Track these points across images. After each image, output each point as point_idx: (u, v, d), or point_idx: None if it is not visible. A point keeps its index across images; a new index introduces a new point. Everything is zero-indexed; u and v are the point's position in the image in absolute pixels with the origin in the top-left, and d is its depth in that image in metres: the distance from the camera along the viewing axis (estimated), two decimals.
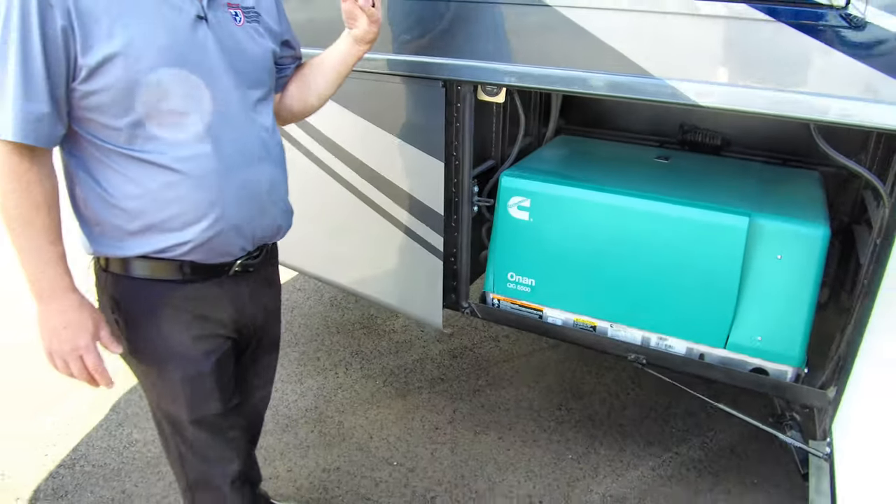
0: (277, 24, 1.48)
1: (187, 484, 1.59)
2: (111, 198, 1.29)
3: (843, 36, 1.38)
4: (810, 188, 1.98)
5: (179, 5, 1.25)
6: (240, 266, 1.44)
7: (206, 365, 1.45)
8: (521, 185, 1.98)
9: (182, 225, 1.31)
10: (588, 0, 1.63)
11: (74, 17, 1.15)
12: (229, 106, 1.32)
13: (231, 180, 1.32)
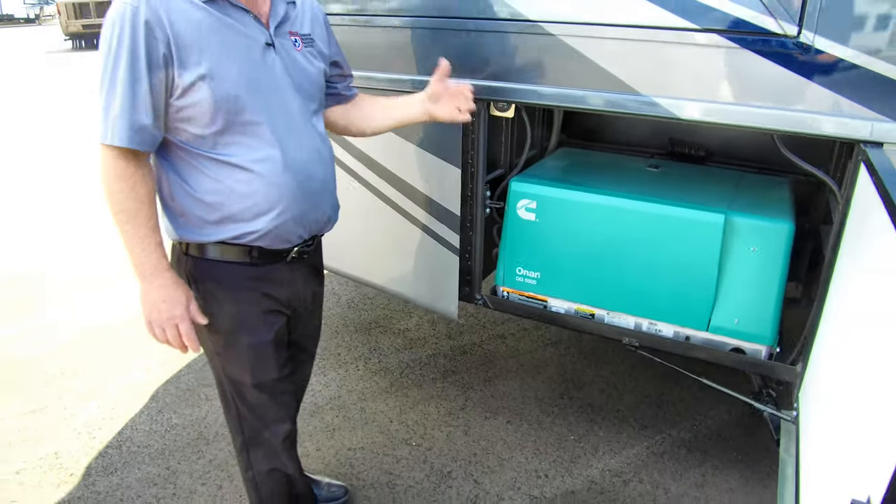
0: (327, 47, 1.77)
1: (243, 442, 1.84)
2: (195, 192, 1.56)
3: (796, 60, 1.66)
4: (779, 191, 2.26)
5: (253, 35, 1.54)
6: (296, 253, 1.72)
7: (267, 335, 1.71)
8: (528, 189, 2.26)
9: (253, 216, 1.58)
10: (585, 29, 1.92)
11: (173, 47, 1.43)
12: (292, 117, 1.60)
13: (293, 178, 1.59)
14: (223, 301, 1.66)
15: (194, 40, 1.45)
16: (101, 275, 4.28)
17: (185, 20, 1.45)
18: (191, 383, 3.10)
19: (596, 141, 3.03)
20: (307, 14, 1.71)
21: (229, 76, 1.48)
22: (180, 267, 1.67)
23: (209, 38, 1.47)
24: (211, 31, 1.47)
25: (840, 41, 1.63)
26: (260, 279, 1.68)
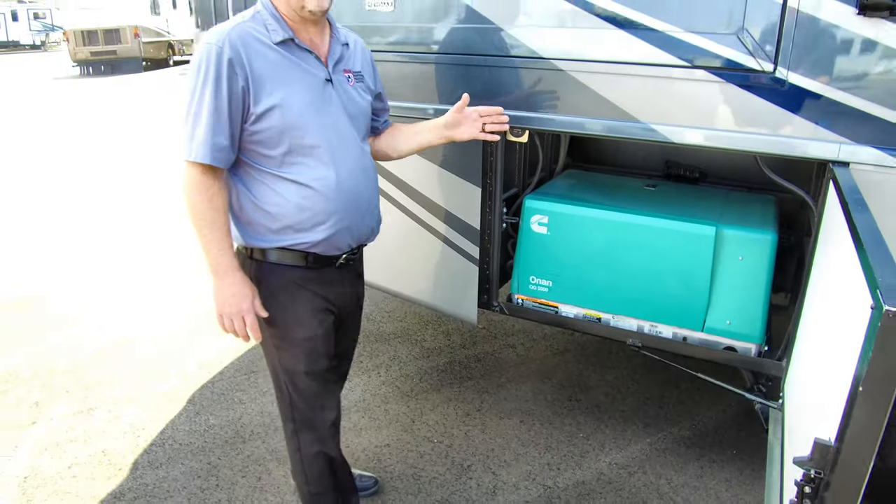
0: (373, 84, 2.05)
1: (294, 427, 2.08)
2: (262, 205, 1.83)
3: (773, 92, 1.94)
4: (764, 207, 2.52)
5: (315, 72, 1.82)
6: (344, 259, 1.98)
7: (319, 330, 1.96)
8: (541, 205, 2.52)
9: (310, 226, 1.85)
10: (591, 65, 2.20)
11: (250, 81, 1.71)
12: (345, 142, 1.87)
13: (345, 195, 1.86)
14: (282, 299, 1.92)
15: (267, 76, 1.74)
16: (127, 290, 4.53)
17: (261, 59, 1.74)
18: (224, 388, 3.34)
19: (598, 164, 3.30)
20: (358, 54, 2.00)
21: (295, 106, 1.76)
22: (245, 269, 1.93)
23: (280, 75, 1.76)
24: (281, 68, 1.76)
25: (810, 76, 1.91)
26: (313, 281, 1.94)
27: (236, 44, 1.71)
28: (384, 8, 2.49)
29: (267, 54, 1.75)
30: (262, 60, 1.74)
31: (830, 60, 1.90)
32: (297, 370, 1.98)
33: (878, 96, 1.87)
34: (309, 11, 1.78)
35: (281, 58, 1.78)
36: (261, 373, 3.47)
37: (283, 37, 1.79)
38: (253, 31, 1.77)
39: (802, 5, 1.90)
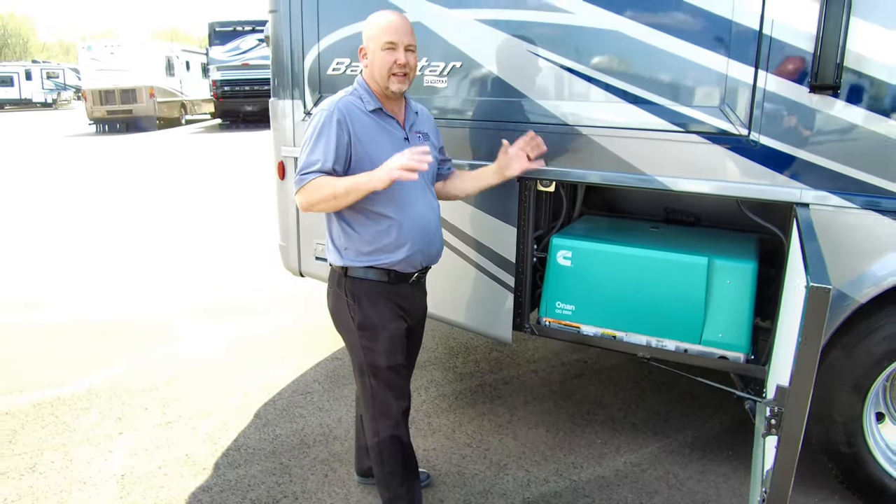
0: (437, 141, 2.64)
1: (373, 414, 2.57)
2: (355, 233, 2.39)
3: (748, 150, 2.53)
4: (748, 243, 3.07)
5: (396, 133, 2.42)
6: (416, 277, 2.52)
7: (397, 331, 2.49)
8: (565, 243, 3.07)
9: (393, 249, 2.40)
10: (604, 130, 2.80)
11: (352, 136, 2.31)
12: (418, 186, 2.43)
13: (418, 226, 2.42)
14: (369, 307, 2.45)
15: (364, 134, 2.34)
16: (185, 324, 5.04)
17: (359, 122, 2.35)
18: (285, 405, 3.83)
19: (610, 210, 3.87)
20: (426, 120, 2.60)
21: (382, 157, 2.32)
22: (340, 284, 2.47)
23: (372, 133, 2.36)
24: (373, 129, 2.37)
25: (776, 138, 2.50)
26: (393, 293, 2.48)
27: (343, 110, 2.33)
28: (439, 84, 3.10)
29: (364, 119, 2.37)
30: (360, 123, 2.35)
31: (791, 126, 2.50)
32: (380, 365, 2.49)
33: (829, 152, 2.46)
34: (392, 91, 2.38)
35: (373, 122, 2.39)
36: (315, 393, 3.96)
37: (374, 107, 2.40)
38: (353, 102, 2.39)
39: (768, 85, 2.50)
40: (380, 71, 2.36)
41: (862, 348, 2.65)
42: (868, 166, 2.44)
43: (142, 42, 26.39)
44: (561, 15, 2.81)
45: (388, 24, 2.37)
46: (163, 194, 10.93)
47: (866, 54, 2.39)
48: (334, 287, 2.54)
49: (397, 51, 2.35)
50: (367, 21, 2.43)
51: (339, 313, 2.55)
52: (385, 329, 2.48)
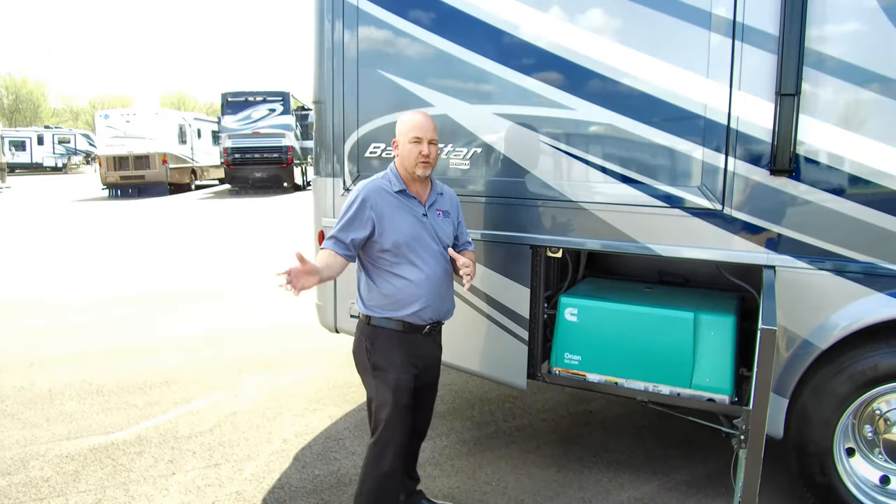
0: (456, 219, 3.13)
1: (372, 443, 2.95)
2: (378, 289, 2.90)
3: (723, 222, 3.05)
4: (729, 300, 3.56)
5: (417, 210, 2.93)
6: (428, 329, 2.99)
7: (405, 375, 2.92)
8: (572, 301, 3.56)
9: (408, 304, 2.89)
10: (603, 206, 3.33)
11: (374, 215, 2.83)
12: (433, 253, 2.93)
13: (431, 285, 2.91)
14: (384, 352, 2.92)
15: (387, 211, 2.87)
16: (222, 373, 5.47)
17: (384, 201, 2.88)
18: (320, 450, 4.23)
19: (608, 273, 4.37)
20: (449, 199, 3.12)
21: (402, 230, 2.86)
22: (363, 330, 2.97)
23: (395, 211, 2.89)
24: (396, 207, 2.90)
25: (745, 212, 3.03)
26: (406, 342, 2.95)
27: (371, 192, 2.90)
28: (463, 166, 3.66)
29: (389, 199, 2.91)
30: (385, 202, 2.89)
31: (757, 202, 3.03)
32: (387, 402, 2.91)
33: (789, 223, 2.99)
34: (418, 175, 2.93)
35: (397, 201, 2.93)
36: (346, 439, 4.37)
37: (399, 188, 2.94)
38: (382, 184, 2.95)
39: (738, 169, 3.05)
40: (408, 159, 2.92)
41: (828, 389, 3.11)
42: (821, 234, 2.97)
43: (157, 111, 27.49)
44: (565, 110, 3.38)
45: (415, 122, 2.95)
46: (188, 254, 11.47)
47: (814, 144, 2.95)
48: (358, 332, 3.05)
49: (422, 144, 2.91)
50: (399, 119, 3.01)
51: (359, 355, 3.04)
52: (395, 372, 2.92)
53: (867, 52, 2.87)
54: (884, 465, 3.22)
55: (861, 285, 2.97)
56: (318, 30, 4.05)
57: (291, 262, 2.65)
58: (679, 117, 3.15)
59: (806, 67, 2.92)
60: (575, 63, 3.34)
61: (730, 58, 3.04)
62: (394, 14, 3.77)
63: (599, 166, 3.36)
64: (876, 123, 2.90)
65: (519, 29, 3.46)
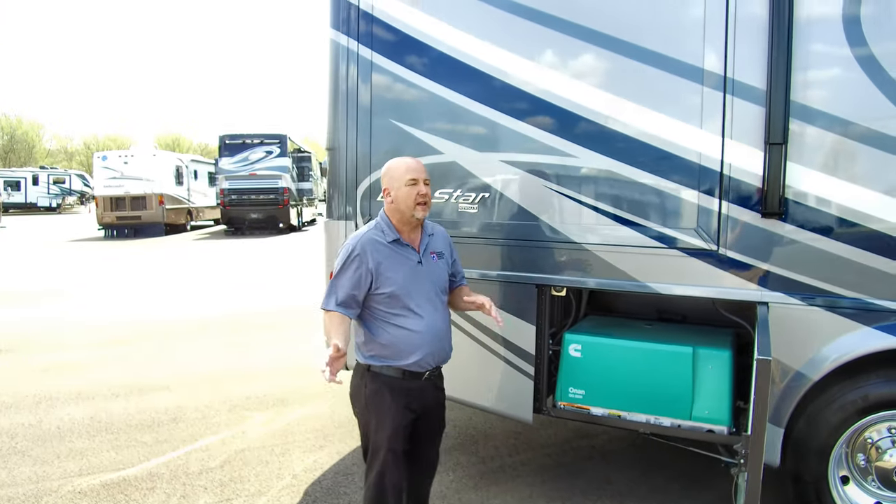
0: (450, 257, 3.23)
1: (367, 485, 3.00)
2: (376, 338, 2.98)
3: (718, 261, 3.25)
4: (725, 336, 3.73)
5: (411, 258, 3.02)
6: (428, 375, 3.07)
7: (403, 421, 2.98)
8: (576, 338, 3.72)
9: (407, 353, 2.95)
10: (604, 247, 3.53)
11: (372, 265, 2.92)
12: (431, 300, 3.03)
13: (430, 334, 2.98)
14: (383, 398, 2.97)
15: (383, 262, 2.94)
16: (229, 410, 5.56)
17: (379, 252, 2.95)
18: (329, 485, 4.33)
19: (609, 311, 4.55)
20: (441, 239, 3.20)
21: (398, 280, 2.95)
22: (362, 376, 3.02)
23: (390, 260, 2.96)
24: (391, 256, 2.97)
25: (739, 252, 3.24)
26: (405, 388, 2.99)
27: (365, 245, 2.95)
28: (471, 210, 3.86)
29: (383, 249, 2.97)
30: (380, 253, 2.95)
31: (750, 243, 3.24)
32: (382, 446, 2.97)
33: (781, 263, 3.20)
34: (416, 218, 3.00)
35: (391, 251, 2.99)
36: (355, 474, 4.47)
37: (393, 238, 3.00)
38: (374, 236, 3.00)
39: (731, 212, 3.26)
40: (406, 202, 2.93)
41: (821, 418, 3.27)
42: (811, 272, 3.17)
43: (154, 153, 27.80)
44: (569, 158, 3.61)
45: (407, 166, 3.00)
46: (184, 293, 11.57)
47: (802, 188, 3.17)
48: (357, 378, 3.09)
49: (419, 185, 2.97)
50: (387, 168, 3.04)
51: (356, 400, 3.08)
52: (392, 418, 2.96)
53: (847, 102, 3.12)
54: (877, 492, 3.35)
55: (849, 320, 3.16)
56: (333, 81, 4.29)
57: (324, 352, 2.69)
58: (675, 164, 3.38)
59: (792, 118, 3.16)
60: (578, 115, 3.58)
61: (721, 109, 3.28)
62: (405, 67, 4.02)
63: (601, 210, 3.57)
64: (858, 169, 3.13)
65: (525, 83, 3.70)
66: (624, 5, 3.52)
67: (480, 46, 3.78)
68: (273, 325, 9.18)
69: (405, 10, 4.03)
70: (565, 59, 3.61)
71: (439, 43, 3.91)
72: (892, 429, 3.29)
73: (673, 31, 3.39)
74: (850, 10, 3.09)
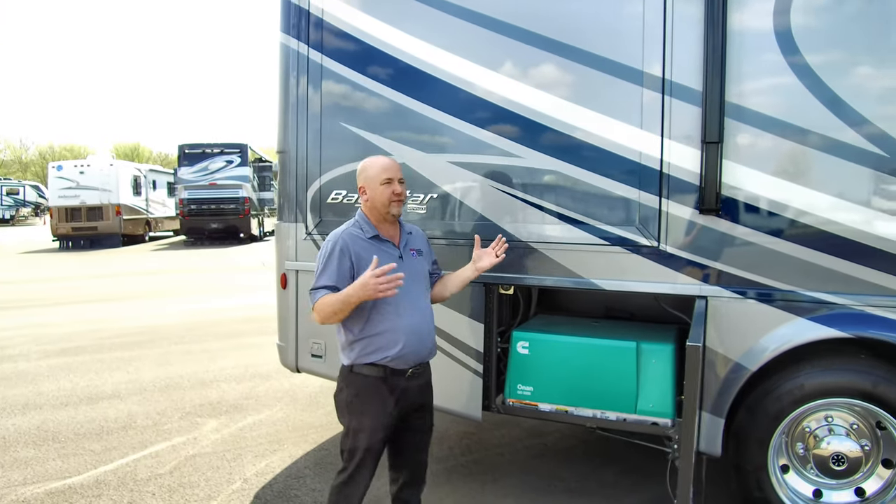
0: (429, 256, 3.30)
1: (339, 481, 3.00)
2: (358, 335, 2.98)
3: (659, 257, 3.34)
4: (668, 331, 3.82)
5: (392, 253, 3.07)
6: (411, 373, 3.08)
7: (384, 421, 2.98)
8: (524, 335, 3.77)
9: (387, 349, 2.96)
10: (549, 245, 3.59)
11: (354, 259, 2.95)
12: (412, 295, 3.06)
13: (412, 330, 3.01)
14: (365, 396, 2.98)
15: (364, 256, 2.97)
16: (181, 416, 5.48)
17: (360, 247, 2.99)
18: (281, 488, 4.30)
19: (558, 310, 4.62)
20: (419, 238, 3.26)
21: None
22: (345, 379, 3.02)
23: (370, 254, 2.96)
24: (371, 251, 2.99)
25: (679, 248, 3.33)
26: (386, 386, 3.00)
27: (346, 239, 2.99)
28: (420, 211, 3.90)
29: (364, 244, 3.02)
30: (361, 248, 2.99)
31: (689, 239, 3.34)
32: (359, 447, 2.98)
33: (718, 257, 3.30)
34: (392, 214, 3.07)
35: (371, 246, 3.03)
36: (307, 477, 4.44)
37: (372, 234, 3.06)
38: (354, 232, 3.05)
39: (671, 209, 3.36)
40: (381, 200, 3.02)
41: (760, 408, 3.37)
42: (747, 266, 3.28)
43: (111, 163, 27.26)
44: (515, 159, 3.67)
45: (383, 165, 3.08)
46: (141, 302, 11.35)
47: (737, 186, 3.28)
48: (340, 380, 3.10)
49: (393, 183, 3.04)
50: (362, 167, 3.09)
51: (339, 401, 3.08)
52: (372, 416, 2.98)
53: (779, 103, 3.24)
54: (816, 479, 3.46)
55: (785, 312, 3.27)
56: (283, 84, 4.30)
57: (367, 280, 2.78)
58: (617, 164, 3.46)
59: (727, 118, 3.27)
60: (523, 116, 3.65)
61: (660, 110, 3.38)
62: (354, 70, 4.05)
63: (546, 209, 3.64)
64: (790, 166, 3.25)
65: (471, 85, 3.76)
66: (565, 8, 3.60)
67: (425, 49, 3.84)
68: (232, 333, 9.07)
69: (354, 14, 4.06)
70: (508, 61, 3.68)
71: (386, 46, 3.95)
72: (828, 417, 3.41)
73: (613, 35, 3.48)
74: (781, 15, 3.22)
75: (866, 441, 3.36)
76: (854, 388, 3.26)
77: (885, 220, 3.12)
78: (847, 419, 3.39)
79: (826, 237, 3.18)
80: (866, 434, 3.37)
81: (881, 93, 3.13)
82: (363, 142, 4.02)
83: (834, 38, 3.19)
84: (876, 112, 3.09)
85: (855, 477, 3.40)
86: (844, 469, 3.37)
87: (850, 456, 3.35)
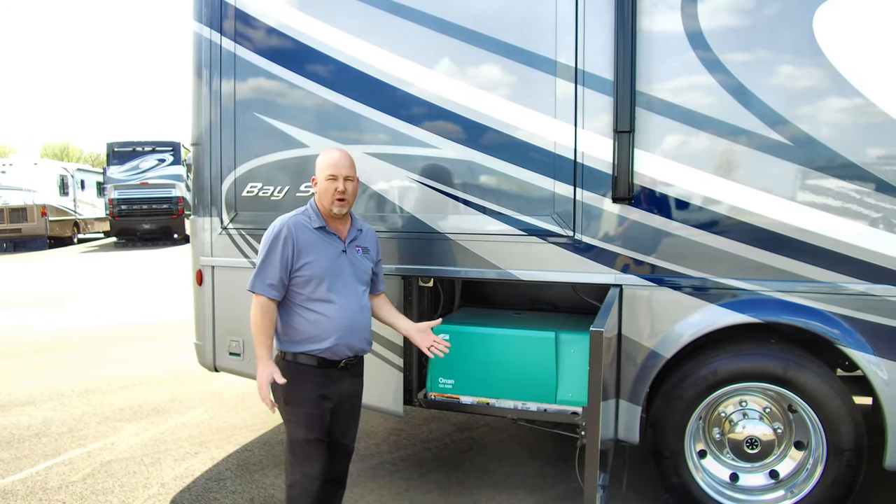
0: (375, 255, 3.21)
1: (290, 483, 3.01)
2: (292, 323, 2.92)
3: (575, 247, 3.35)
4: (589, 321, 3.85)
5: (336, 246, 2.99)
6: (344, 364, 3.02)
7: (318, 410, 2.94)
8: (443, 328, 3.71)
9: (321, 339, 2.91)
10: (468, 236, 3.57)
11: (296, 249, 2.88)
12: (350, 289, 2.99)
13: (346, 321, 2.95)
14: (298, 387, 2.92)
15: (306, 246, 2.91)
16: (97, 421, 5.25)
17: (304, 237, 2.92)
18: (200, 491, 4.15)
19: (482, 303, 4.60)
20: (368, 236, 3.18)
21: (320, 265, 2.92)
22: (278, 363, 2.93)
23: (314, 246, 2.93)
24: (316, 242, 2.94)
25: (594, 237, 3.35)
26: (320, 376, 2.96)
27: (291, 227, 2.93)
28: None
29: (309, 234, 2.95)
30: (305, 238, 2.93)
31: (603, 227, 3.36)
32: (299, 438, 2.95)
33: (631, 246, 3.35)
34: (334, 212, 2.99)
35: (316, 237, 2.97)
36: (227, 479, 4.31)
37: (318, 225, 2.99)
38: (302, 220, 2.98)
39: (585, 198, 3.38)
40: (325, 196, 2.96)
41: (676, 395, 3.42)
42: (660, 255, 3.32)
43: (35, 162, 26.12)
44: (429, 149, 3.63)
45: (330, 160, 3.00)
46: (65, 307, 10.87)
47: (649, 174, 3.31)
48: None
49: (337, 181, 2.96)
50: (318, 157, 3.06)
51: (275, 389, 2.96)
52: (307, 407, 2.94)
53: (689, 93, 3.29)
54: (732, 463, 3.53)
55: (697, 298, 3.33)
56: (197, 75, 4.15)
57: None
58: (532, 153, 3.46)
59: (638, 108, 3.30)
60: (438, 105, 3.62)
61: (573, 100, 3.39)
62: (268, 59, 3.94)
63: (463, 199, 3.61)
64: (701, 155, 3.29)
65: (385, 74, 3.70)
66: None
67: (339, 37, 3.76)
68: (159, 335, 8.77)
69: (267, 2, 3.95)
70: (423, 50, 3.64)
71: (301, 34, 3.85)
72: (742, 402, 3.49)
73: (526, 24, 3.47)
74: (690, 6, 3.26)
75: (779, 424, 3.44)
76: (766, 373, 3.33)
77: (792, 208, 3.19)
78: (760, 403, 3.47)
79: (736, 225, 3.24)
80: (779, 417, 3.45)
81: (785, 83, 3.19)
82: (279, 133, 3.91)
83: (741, 31, 3.24)
84: (782, 102, 3.16)
85: (769, 460, 3.48)
86: (758, 452, 3.45)
87: (763, 439, 3.44)
